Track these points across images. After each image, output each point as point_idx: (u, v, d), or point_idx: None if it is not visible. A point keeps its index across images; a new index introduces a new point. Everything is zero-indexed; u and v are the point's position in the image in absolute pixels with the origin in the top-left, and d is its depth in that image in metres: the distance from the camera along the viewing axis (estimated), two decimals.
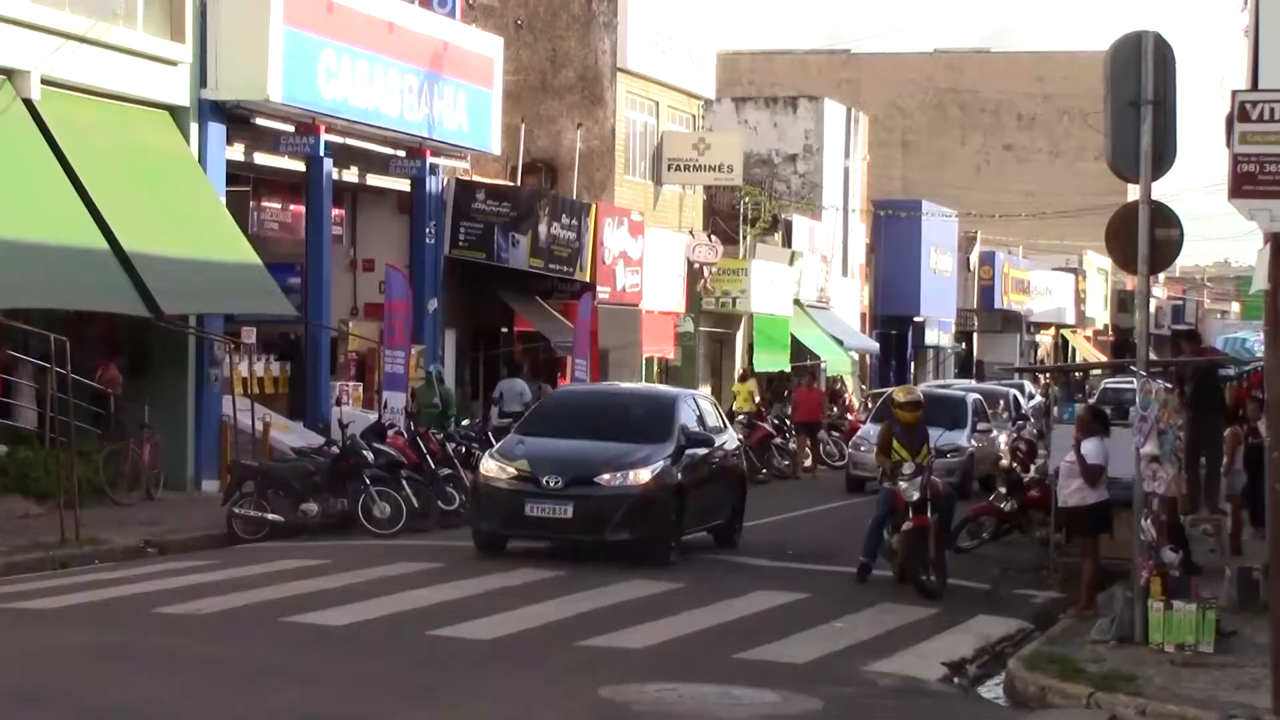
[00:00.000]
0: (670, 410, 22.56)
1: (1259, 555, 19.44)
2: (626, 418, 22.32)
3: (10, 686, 13.06)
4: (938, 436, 24.46)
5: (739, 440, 27.19)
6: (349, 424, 25.89)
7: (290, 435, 28.46)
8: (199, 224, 26.72)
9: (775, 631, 17.26)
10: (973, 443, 34.72)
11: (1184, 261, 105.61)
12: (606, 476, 21.01)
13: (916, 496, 20.21)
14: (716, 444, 23.33)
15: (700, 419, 23.26)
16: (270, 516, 23.74)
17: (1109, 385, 42.30)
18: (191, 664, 14.24)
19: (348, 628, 16.36)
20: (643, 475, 21.03)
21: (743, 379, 44.89)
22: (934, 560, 20.23)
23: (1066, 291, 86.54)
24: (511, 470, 21.36)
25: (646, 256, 43.55)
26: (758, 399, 42.89)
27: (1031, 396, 48.21)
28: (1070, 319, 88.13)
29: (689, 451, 21.97)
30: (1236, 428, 23.92)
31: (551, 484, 20.93)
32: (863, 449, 33.44)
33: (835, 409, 46.95)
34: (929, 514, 20.33)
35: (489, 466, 21.43)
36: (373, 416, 28.83)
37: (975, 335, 78.47)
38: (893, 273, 65.56)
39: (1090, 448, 18.81)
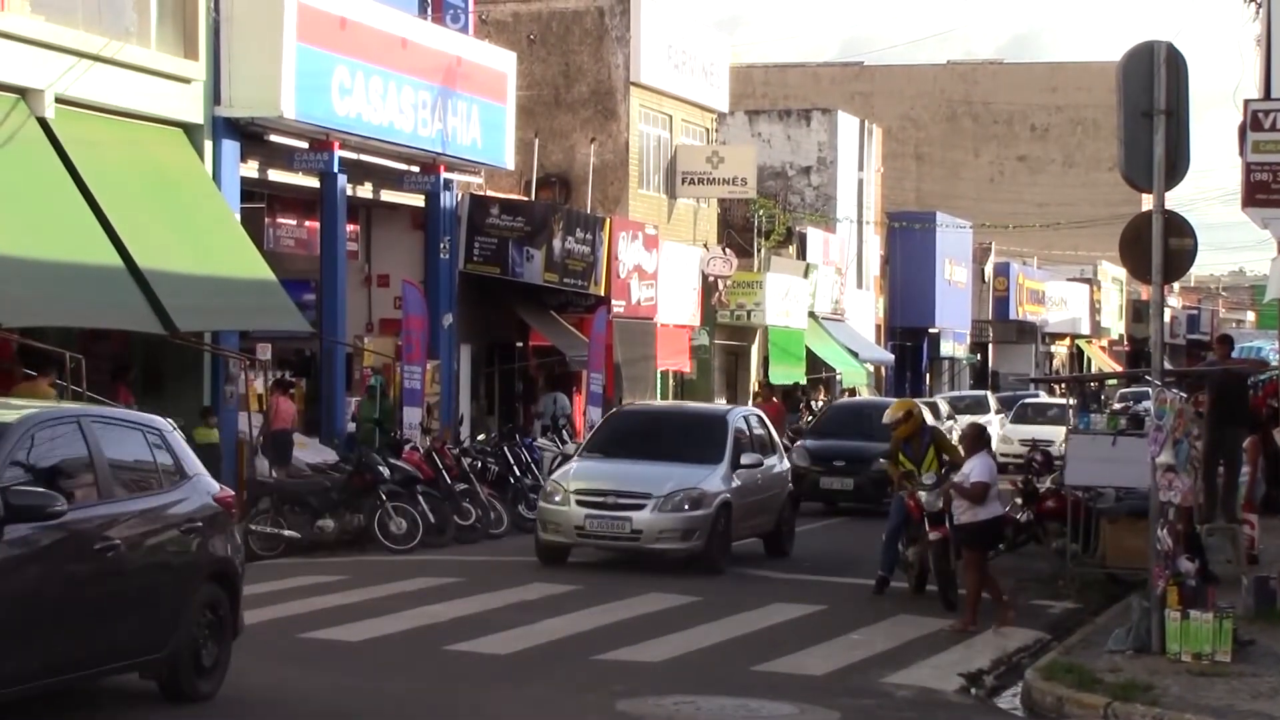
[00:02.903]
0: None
1: (1275, 564, 19.42)
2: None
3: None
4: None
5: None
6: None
7: (306, 451, 28.48)
8: (214, 241, 26.75)
9: (792, 644, 17.27)
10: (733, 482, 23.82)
11: (1198, 271, 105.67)
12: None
13: (940, 506, 20.11)
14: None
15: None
16: (287, 533, 23.76)
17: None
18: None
19: (365, 643, 16.38)
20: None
21: (760, 393, 44.94)
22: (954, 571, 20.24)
23: (1081, 302, 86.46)
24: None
25: (661, 270, 43.55)
26: None
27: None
28: (1085, 329, 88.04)
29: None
30: (1256, 437, 23.89)
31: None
32: (556, 499, 22.66)
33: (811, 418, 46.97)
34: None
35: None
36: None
37: (990, 346, 78.42)
38: (907, 284, 65.54)
39: (975, 466, 18.92)
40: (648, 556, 22.57)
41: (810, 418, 46.13)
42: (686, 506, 22.43)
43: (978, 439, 19.59)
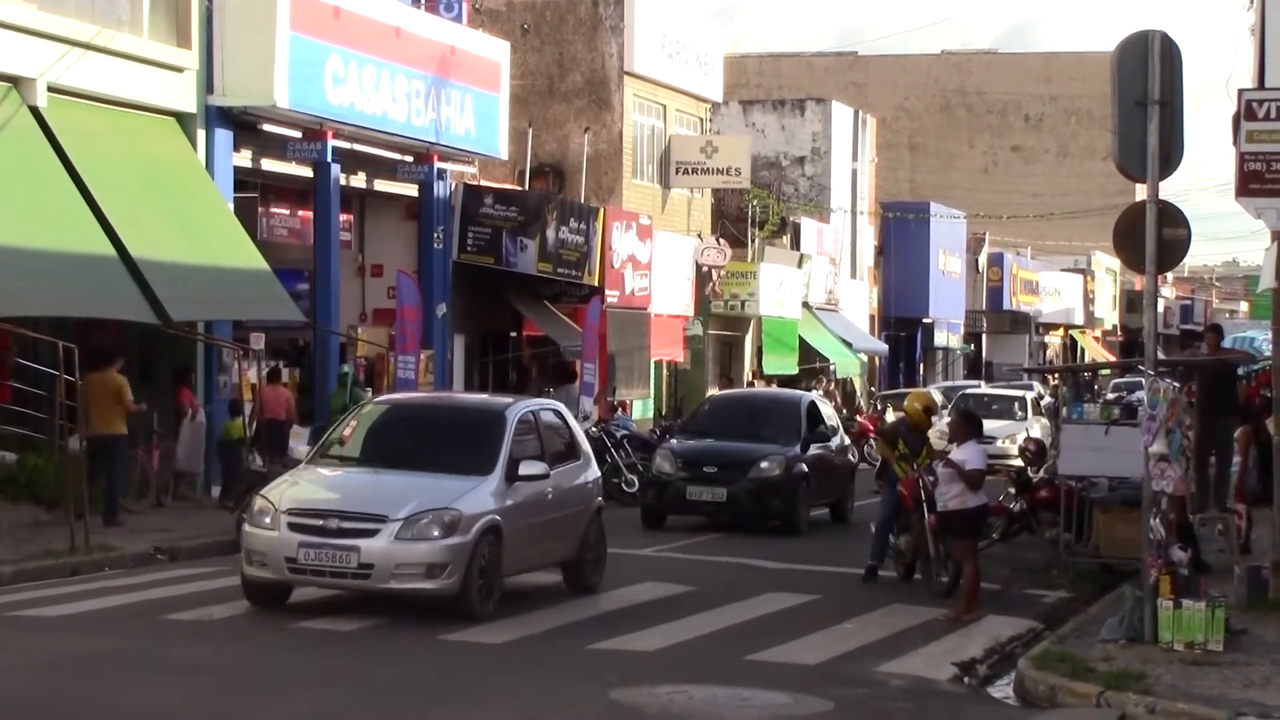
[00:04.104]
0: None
1: (1268, 554, 19.43)
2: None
3: (22, 693, 13.08)
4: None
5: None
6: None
7: (300, 441, 28.46)
8: (207, 230, 26.72)
9: (786, 633, 17.27)
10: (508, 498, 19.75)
11: (1192, 261, 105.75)
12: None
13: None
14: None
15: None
16: None
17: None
18: (203, 671, 14.26)
19: (358, 633, 16.38)
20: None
21: (766, 383, 45.01)
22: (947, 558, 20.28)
23: (1075, 292, 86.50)
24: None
25: (655, 260, 43.55)
26: None
27: (1041, 396, 48.22)
28: (1079, 319, 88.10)
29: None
30: (1248, 427, 23.90)
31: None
32: (264, 521, 17.31)
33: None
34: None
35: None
36: None
37: (984, 336, 78.45)
38: (901, 275, 65.56)
39: (968, 453, 18.94)
40: (383, 599, 17.19)
41: None
42: (435, 532, 16.84)
43: (970, 425, 19.59)
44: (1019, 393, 45.68)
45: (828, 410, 30.55)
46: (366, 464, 18.28)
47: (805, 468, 27.23)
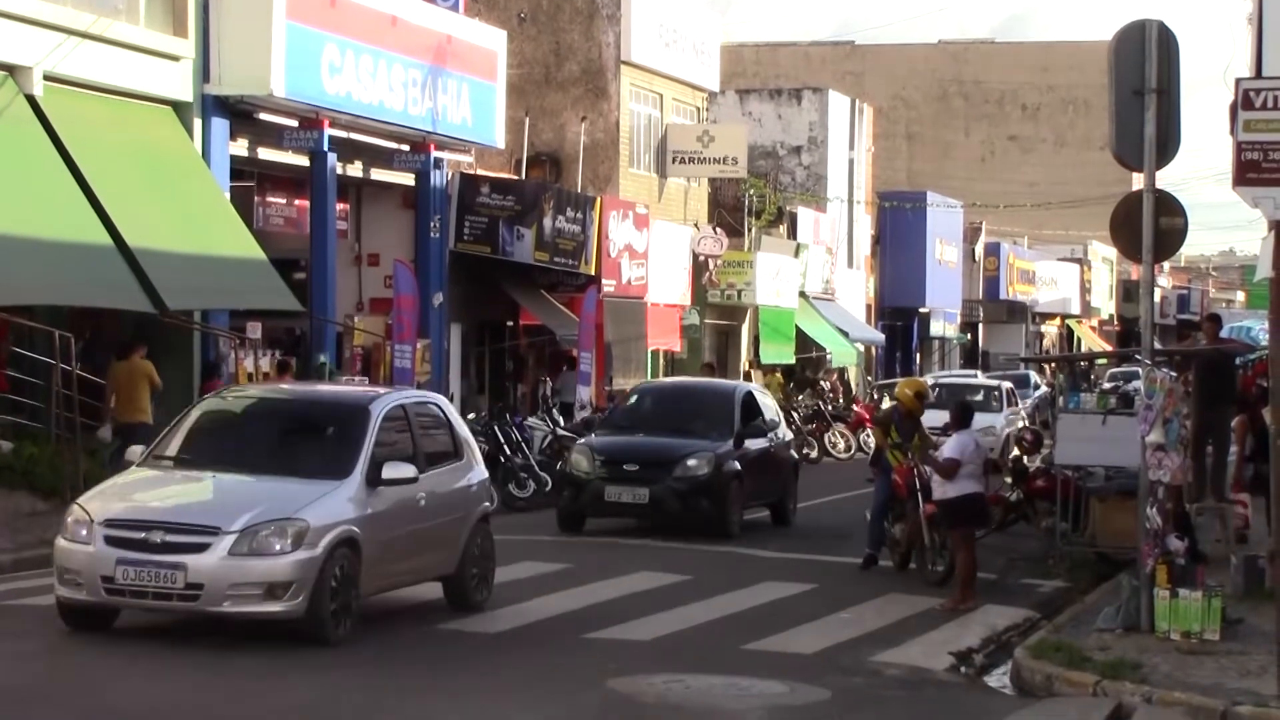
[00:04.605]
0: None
1: (1264, 543, 19.45)
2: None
3: (19, 684, 13.08)
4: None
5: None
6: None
7: None
8: (203, 219, 26.71)
9: (783, 622, 17.28)
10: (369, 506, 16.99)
11: (1189, 251, 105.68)
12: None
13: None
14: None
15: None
16: None
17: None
18: (200, 660, 14.28)
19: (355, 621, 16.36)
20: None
21: (771, 370, 45.01)
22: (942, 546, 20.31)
23: (1072, 282, 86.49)
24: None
25: (651, 249, 43.54)
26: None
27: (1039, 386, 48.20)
28: (1076, 309, 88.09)
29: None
30: (1244, 416, 23.90)
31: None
32: (80, 534, 15.01)
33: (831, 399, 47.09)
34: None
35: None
36: None
37: (980, 326, 78.42)
38: (898, 264, 65.54)
39: (950, 443, 19.02)
40: (218, 623, 15.00)
41: (832, 399, 46.21)
42: (277, 546, 14.68)
43: (962, 416, 19.70)
44: (993, 383, 45.28)
45: (767, 402, 28.19)
46: (203, 467, 15.92)
47: (738, 465, 24.83)
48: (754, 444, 25.71)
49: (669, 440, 25.00)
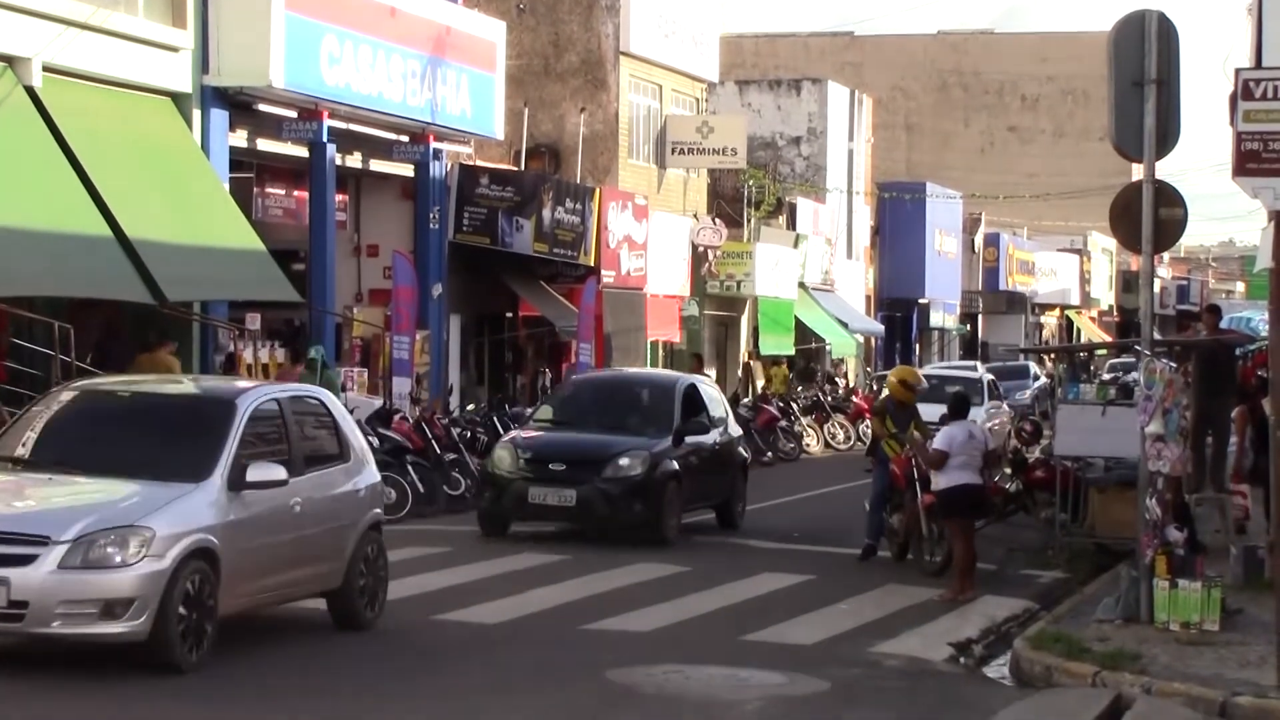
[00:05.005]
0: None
1: (1263, 534, 19.45)
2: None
3: (21, 680, 13.05)
4: None
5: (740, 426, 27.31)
6: (354, 409, 25.79)
7: None
8: (202, 210, 26.70)
9: (781, 613, 17.29)
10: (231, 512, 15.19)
11: (1188, 241, 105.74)
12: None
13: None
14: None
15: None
16: None
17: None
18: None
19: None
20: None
21: (775, 362, 44.99)
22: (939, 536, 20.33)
23: (1071, 272, 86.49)
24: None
25: (651, 240, 43.52)
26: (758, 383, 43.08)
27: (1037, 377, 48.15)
28: (1075, 300, 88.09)
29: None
30: (1244, 407, 23.90)
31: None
32: None
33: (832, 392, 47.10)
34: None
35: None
36: (377, 402, 28.81)
37: (980, 317, 78.44)
38: (897, 255, 65.52)
39: (940, 434, 19.06)
40: (46, 645, 13.25)
41: (831, 390, 46.12)
42: (117, 558, 12.85)
43: (958, 407, 19.75)
44: (974, 376, 44.78)
45: (712, 395, 25.99)
46: (37, 467, 14.11)
47: (676, 465, 22.84)
48: (695, 441, 23.75)
49: (601, 437, 23.08)
